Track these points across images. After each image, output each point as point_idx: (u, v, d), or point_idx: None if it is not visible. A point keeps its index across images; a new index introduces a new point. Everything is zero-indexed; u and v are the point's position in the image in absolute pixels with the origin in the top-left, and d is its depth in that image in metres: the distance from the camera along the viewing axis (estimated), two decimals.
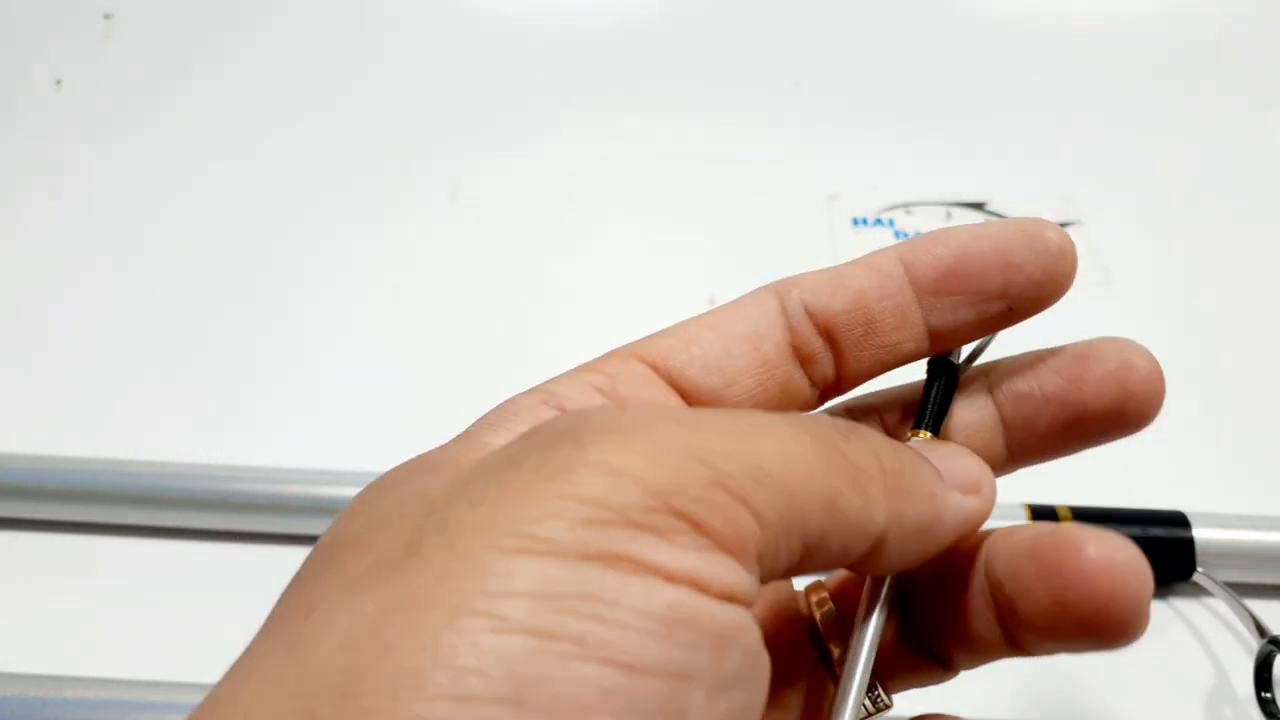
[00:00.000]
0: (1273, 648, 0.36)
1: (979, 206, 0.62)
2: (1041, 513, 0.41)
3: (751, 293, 0.23)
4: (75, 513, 0.43)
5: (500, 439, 0.20)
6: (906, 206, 0.62)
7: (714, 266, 0.56)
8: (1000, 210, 0.61)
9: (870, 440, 0.19)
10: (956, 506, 0.21)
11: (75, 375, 0.52)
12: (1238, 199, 0.62)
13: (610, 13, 0.76)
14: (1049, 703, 0.37)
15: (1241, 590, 0.39)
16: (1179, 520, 0.40)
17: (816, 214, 0.61)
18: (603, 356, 0.23)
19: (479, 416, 0.22)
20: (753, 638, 0.17)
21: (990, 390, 0.24)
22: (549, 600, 0.15)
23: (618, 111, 0.70)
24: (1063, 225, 0.60)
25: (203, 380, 0.51)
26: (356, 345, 0.53)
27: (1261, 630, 0.37)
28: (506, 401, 0.22)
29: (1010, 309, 0.22)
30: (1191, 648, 0.39)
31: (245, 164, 0.65)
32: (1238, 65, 0.72)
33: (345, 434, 0.48)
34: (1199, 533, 0.40)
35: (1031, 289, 0.22)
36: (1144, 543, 0.39)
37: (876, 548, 0.19)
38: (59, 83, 0.71)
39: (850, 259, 0.23)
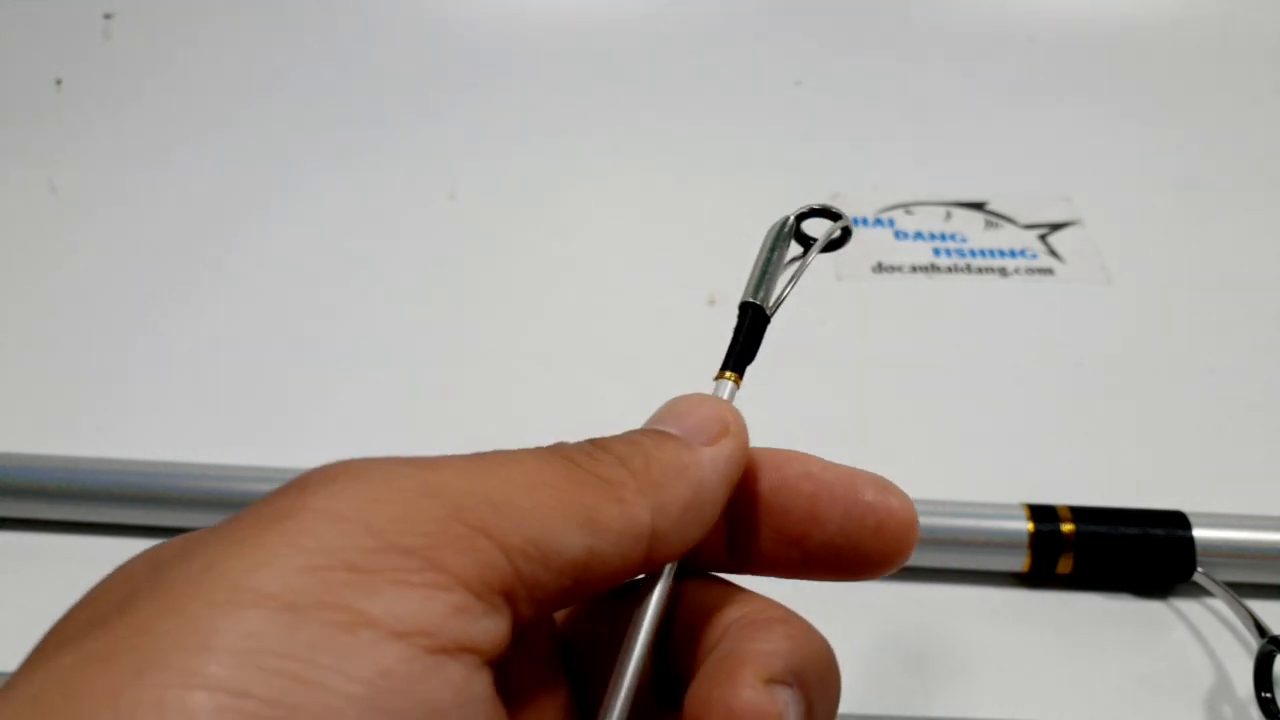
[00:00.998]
0: (1273, 648, 0.36)
1: (979, 206, 0.62)
2: (1041, 512, 0.41)
3: None
4: (75, 513, 0.43)
5: None
6: (906, 206, 0.62)
7: (714, 266, 0.56)
8: (1001, 210, 0.61)
9: (611, 449, 0.20)
10: (713, 461, 0.20)
11: (75, 375, 0.52)
12: (1237, 198, 0.62)
13: (611, 13, 0.76)
14: (1049, 702, 0.37)
15: (1241, 590, 0.39)
16: (1179, 520, 0.40)
17: None
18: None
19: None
20: (478, 703, 0.16)
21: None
22: (249, 656, 0.14)
23: (618, 111, 0.70)
24: (1063, 225, 0.60)
25: (203, 379, 0.51)
26: (355, 344, 0.53)
27: (1261, 630, 0.37)
28: None
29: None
30: (1191, 648, 0.39)
31: (245, 163, 0.65)
32: (1236, 65, 0.72)
33: (343, 433, 0.48)
34: (1199, 533, 0.40)
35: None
36: (1144, 542, 0.40)
37: (655, 543, 0.19)
38: (59, 83, 0.71)
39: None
